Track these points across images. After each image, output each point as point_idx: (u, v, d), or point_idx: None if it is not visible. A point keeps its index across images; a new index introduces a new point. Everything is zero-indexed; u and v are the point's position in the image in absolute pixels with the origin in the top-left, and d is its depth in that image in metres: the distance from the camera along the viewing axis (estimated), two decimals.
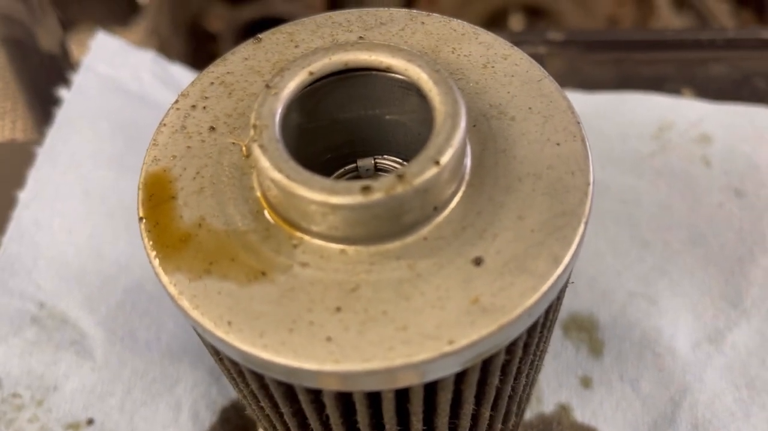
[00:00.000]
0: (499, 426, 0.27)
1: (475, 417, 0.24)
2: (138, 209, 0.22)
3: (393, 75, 0.23)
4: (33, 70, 0.49)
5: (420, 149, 0.20)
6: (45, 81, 0.48)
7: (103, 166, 0.43)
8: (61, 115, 0.43)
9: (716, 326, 0.39)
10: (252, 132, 0.21)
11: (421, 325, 0.19)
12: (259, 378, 0.21)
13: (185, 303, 0.20)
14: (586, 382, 0.39)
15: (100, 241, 0.41)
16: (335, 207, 0.19)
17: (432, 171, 0.19)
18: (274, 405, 0.23)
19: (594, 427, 0.37)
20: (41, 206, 0.41)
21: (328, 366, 0.19)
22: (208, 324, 0.20)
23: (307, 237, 0.21)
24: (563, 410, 0.38)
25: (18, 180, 0.42)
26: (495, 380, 0.22)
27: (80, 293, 0.39)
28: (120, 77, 0.46)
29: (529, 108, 0.23)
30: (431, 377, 0.20)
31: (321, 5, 1.23)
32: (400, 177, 0.19)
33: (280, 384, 0.21)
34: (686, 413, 0.37)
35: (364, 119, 0.25)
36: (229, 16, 1.16)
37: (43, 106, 0.47)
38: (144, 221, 0.22)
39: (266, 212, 0.21)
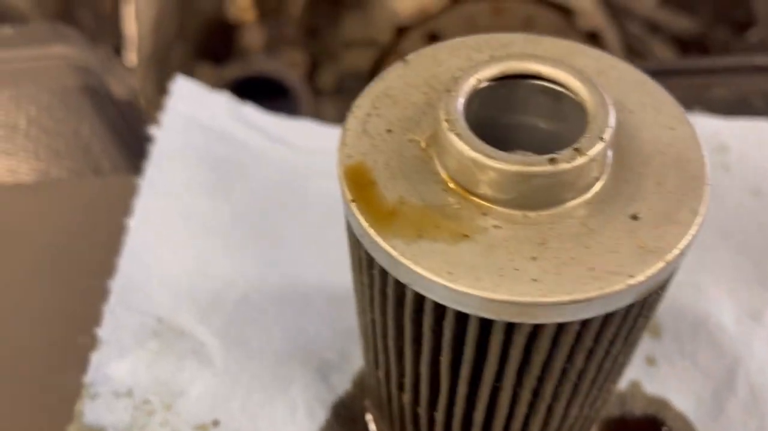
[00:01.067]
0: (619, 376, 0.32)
1: (612, 362, 0.29)
2: (345, 193, 0.27)
3: (535, 81, 0.28)
4: (110, 114, 0.53)
5: (557, 140, 0.26)
6: (122, 123, 0.53)
7: (198, 194, 0.47)
8: (156, 150, 0.48)
9: (753, 305, 0.45)
10: (445, 125, 0.26)
11: (605, 265, 0.24)
12: (464, 318, 0.25)
13: (408, 261, 0.25)
14: (650, 361, 0.44)
15: (204, 261, 0.45)
16: (528, 176, 0.24)
17: (600, 145, 0.25)
18: (456, 345, 0.27)
19: (664, 397, 0.42)
20: (148, 231, 0.45)
21: (539, 299, 0.23)
22: (431, 275, 0.24)
23: (494, 206, 0.26)
24: (634, 386, 0.43)
25: (125, 207, 0.45)
26: (644, 315, 0.27)
27: (193, 308, 0.43)
28: (200, 117, 0.51)
29: (642, 103, 0.29)
30: (612, 307, 0.24)
31: (303, 63, 1.30)
32: (577, 150, 0.25)
33: (483, 322, 0.25)
34: (742, 379, 0.42)
35: (504, 121, 0.30)
36: (215, 76, 1.22)
37: (125, 145, 0.51)
38: (354, 202, 0.26)
39: (455, 189, 0.26)
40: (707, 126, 0.51)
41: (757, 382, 0.42)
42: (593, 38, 1.02)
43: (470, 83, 0.27)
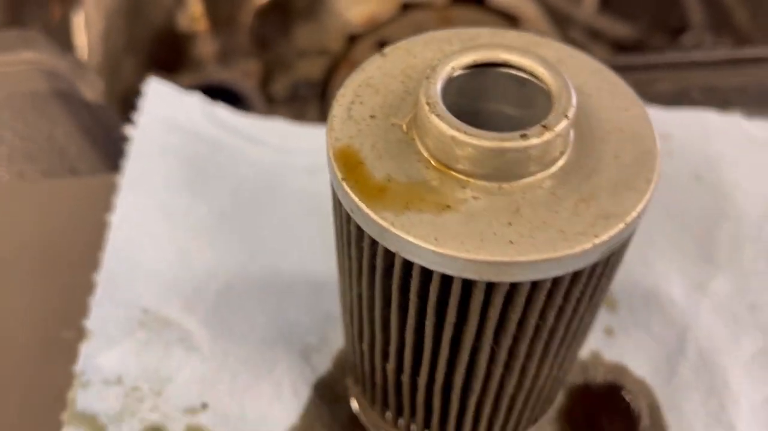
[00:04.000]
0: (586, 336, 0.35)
1: (578, 322, 0.32)
2: (336, 173, 0.29)
3: (503, 69, 0.31)
4: (83, 117, 0.54)
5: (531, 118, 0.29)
6: (95, 126, 0.54)
7: (176, 191, 0.48)
8: (133, 149, 0.49)
9: (699, 279, 0.49)
10: (426, 107, 0.28)
11: (572, 228, 0.27)
12: (448, 281, 0.28)
13: (398, 231, 0.27)
14: (608, 332, 0.47)
15: (185, 254, 0.46)
16: (503, 151, 0.27)
17: (564, 122, 0.28)
18: (439, 308, 0.30)
19: (622, 363, 0.46)
20: (130, 227, 0.46)
21: (516, 259, 0.26)
22: (419, 241, 0.27)
23: (472, 180, 0.29)
24: (595, 355, 0.46)
25: (104, 205, 0.47)
26: (606, 275, 0.30)
27: (178, 299, 0.44)
28: (175, 117, 0.52)
29: (599, 88, 0.32)
30: (580, 265, 0.27)
31: (256, 72, 1.32)
32: (545, 127, 0.28)
33: (465, 284, 0.28)
34: (691, 344, 0.46)
35: (477, 108, 0.33)
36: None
37: (100, 147, 0.52)
38: (345, 180, 0.29)
39: (436, 167, 0.29)
40: (651, 116, 0.56)
41: (705, 346, 0.46)
42: None
43: (446, 70, 0.30)
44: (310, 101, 1.26)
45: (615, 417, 0.44)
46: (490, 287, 0.28)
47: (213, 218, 0.48)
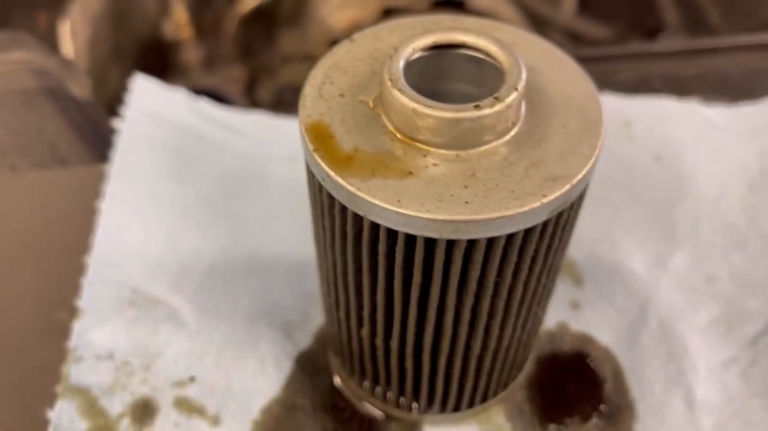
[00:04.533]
0: (540, 303, 0.38)
1: (536, 282, 0.35)
2: (308, 144, 0.32)
3: (461, 51, 0.34)
4: (72, 113, 0.56)
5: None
6: (84, 121, 0.56)
7: (165, 179, 0.51)
8: (121, 141, 0.52)
9: (659, 254, 0.52)
10: (389, 83, 0.31)
11: (523, 189, 0.30)
12: (412, 241, 0.31)
13: (365, 195, 0.30)
14: (575, 305, 0.50)
15: (174, 238, 0.49)
16: (458, 120, 0.30)
17: (514, 94, 0.31)
18: (406, 268, 0.32)
19: (588, 333, 0.49)
20: (120, 213, 0.48)
21: (472, 217, 0.29)
22: (384, 203, 0.29)
23: (432, 149, 0.31)
24: (562, 326, 0.49)
25: (93, 194, 0.49)
26: (558, 235, 0.33)
27: (166, 279, 0.47)
28: (161, 110, 0.55)
29: (550, 66, 0.35)
30: (531, 223, 0.30)
31: (241, 78, 1.34)
32: (497, 98, 0.30)
33: (427, 243, 0.30)
34: (652, 314, 0.49)
35: (438, 89, 0.36)
36: None
37: (88, 141, 0.55)
38: (316, 151, 0.31)
39: (400, 138, 0.32)
40: (614, 104, 0.59)
41: (665, 316, 0.49)
42: None
43: (408, 51, 0.33)
44: (295, 106, 1.28)
45: (581, 382, 0.47)
46: (450, 245, 0.31)
47: (198, 203, 0.51)
